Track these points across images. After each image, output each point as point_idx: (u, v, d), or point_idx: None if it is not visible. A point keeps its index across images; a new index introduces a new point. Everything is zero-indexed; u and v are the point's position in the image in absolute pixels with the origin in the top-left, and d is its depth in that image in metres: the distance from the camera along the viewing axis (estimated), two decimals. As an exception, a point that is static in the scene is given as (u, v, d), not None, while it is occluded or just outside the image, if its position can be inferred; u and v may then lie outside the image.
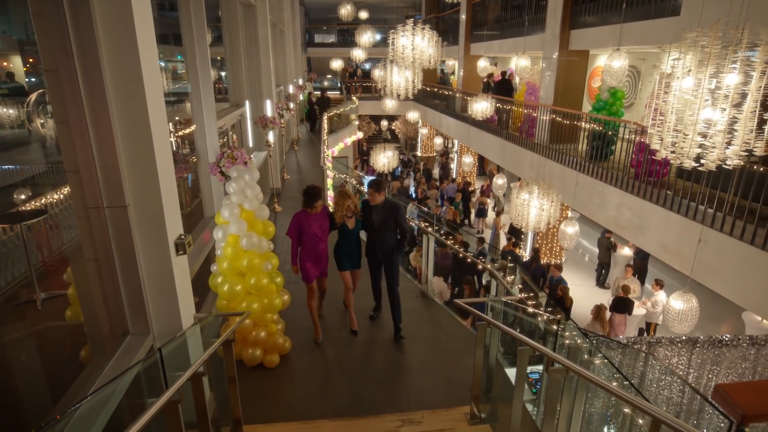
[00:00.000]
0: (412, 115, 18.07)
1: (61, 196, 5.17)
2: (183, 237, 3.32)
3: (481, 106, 10.41)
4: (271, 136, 9.27)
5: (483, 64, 14.48)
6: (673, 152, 2.92)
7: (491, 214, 15.32)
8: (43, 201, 5.71)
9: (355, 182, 9.15)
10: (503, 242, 12.68)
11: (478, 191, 17.07)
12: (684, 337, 4.62)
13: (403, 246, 4.96)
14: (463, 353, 4.77)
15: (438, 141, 20.32)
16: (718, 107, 2.71)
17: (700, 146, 2.81)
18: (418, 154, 23.21)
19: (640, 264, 11.34)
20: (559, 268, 9.53)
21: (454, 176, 18.89)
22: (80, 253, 3.20)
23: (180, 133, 6.65)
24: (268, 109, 9.48)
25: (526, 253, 12.42)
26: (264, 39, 9.06)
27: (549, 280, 9.55)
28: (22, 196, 5.63)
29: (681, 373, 4.54)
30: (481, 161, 20.70)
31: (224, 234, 4.09)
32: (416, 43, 6.33)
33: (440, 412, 3.74)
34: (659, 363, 3.93)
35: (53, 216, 5.47)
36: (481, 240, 10.26)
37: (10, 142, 6.29)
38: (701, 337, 4.57)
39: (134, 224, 3.04)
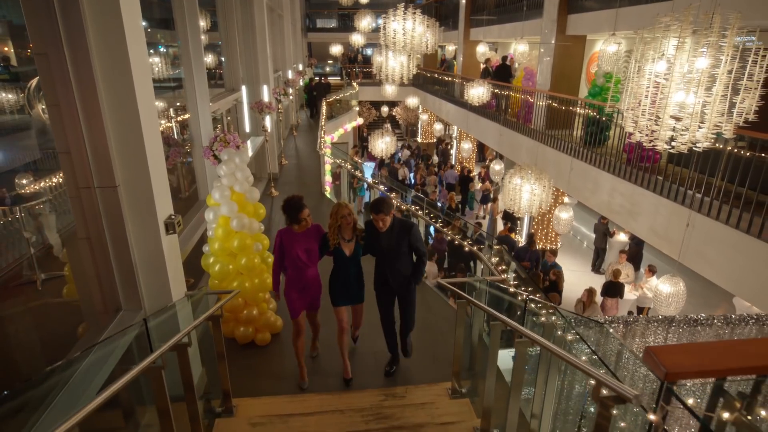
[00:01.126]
0: (412, 101, 18.03)
1: (60, 180, 5.27)
2: (173, 217, 3.43)
3: (478, 92, 10.42)
4: (268, 122, 9.33)
5: (482, 50, 14.42)
6: (646, 135, 3.00)
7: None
8: (42, 185, 5.84)
9: (350, 167, 9.20)
10: (500, 228, 12.77)
11: (477, 178, 17.12)
12: (660, 317, 4.73)
13: (422, 272, 4.01)
14: (450, 334, 4.89)
15: (438, 127, 20.30)
16: (690, 91, 2.77)
17: (673, 129, 2.88)
18: (419, 140, 23.19)
19: (636, 250, 11.43)
20: (554, 253, 9.63)
21: (453, 162, 18.90)
22: (76, 234, 3.33)
23: (179, 119, 6.73)
24: (265, 95, 9.53)
25: (522, 239, 12.52)
26: (260, 24, 9.07)
27: (543, 265, 9.66)
28: (24, 181, 5.76)
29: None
30: (481, 147, 20.70)
31: (215, 215, 4.20)
32: (407, 28, 6.33)
33: (423, 387, 3.88)
34: (615, 338, 4.04)
35: (52, 200, 5.60)
36: (478, 225, 10.35)
37: (12, 128, 6.39)
38: (677, 316, 4.68)
39: (124, 204, 3.15)
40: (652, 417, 1.50)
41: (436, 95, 18.50)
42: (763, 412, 1.50)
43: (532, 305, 3.29)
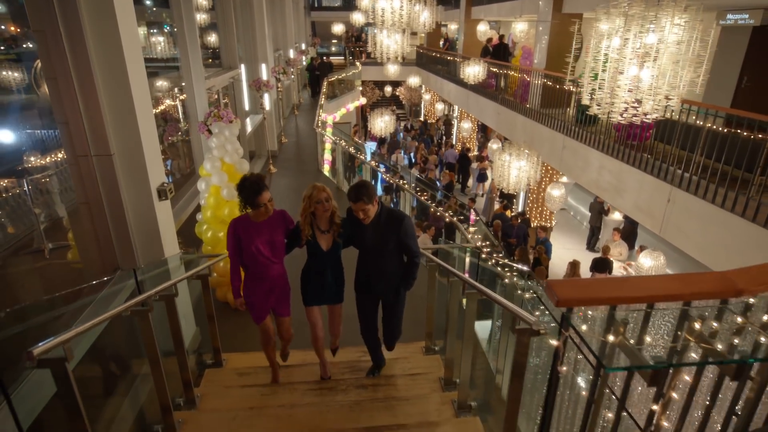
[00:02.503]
0: (413, 81, 18.06)
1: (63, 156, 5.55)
2: (165, 184, 3.70)
3: (474, 70, 10.51)
4: (266, 100, 9.53)
5: (483, 28, 14.40)
6: (599, 106, 3.20)
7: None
8: (48, 160, 6.15)
9: (344, 144, 9.39)
10: (497, 206, 12.97)
11: (477, 157, 17.25)
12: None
13: (413, 276, 3.29)
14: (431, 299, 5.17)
15: (439, 107, 20.34)
16: (645, 66, 2.96)
17: (626, 101, 3.08)
18: (421, 119, 23.24)
19: (630, 228, 11.59)
20: (544, 229, 9.84)
21: (453, 142, 19.00)
22: (78, 204, 3.61)
23: (182, 98, 6.96)
24: (264, 73, 9.70)
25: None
26: (258, 3, 9.19)
27: (536, 241, 9.89)
28: (32, 158, 6.08)
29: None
30: (485, 128, 20.74)
31: (207, 185, 4.47)
32: (395, 6, 6.46)
33: (399, 346, 4.16)
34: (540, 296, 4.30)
35: (59, 174, 5.92)
36: (472, 201, 10.57)
37: (19, 107, 6.68)
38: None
39: (119, 171, 3.42)
40: (554, 342, 1.76)
41: (438, 75, 18.51)
42: (648, 338, 1.76)
43: (499, 268, 3.54)
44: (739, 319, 1.75)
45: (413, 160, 16.63)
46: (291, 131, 13.62)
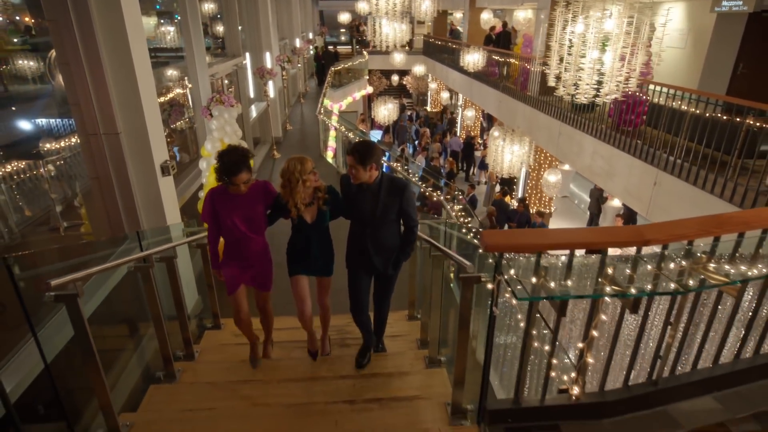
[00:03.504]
0: (418, 69, 18.21)
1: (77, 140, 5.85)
2: (167, 162, 4.04)
3: (473, 58, 10.68)
4: (270, 87, 9.83)
5: (486, 17, 14.50)
6: (564, 87, 3.44)
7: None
8: (62, 144, 6.53)
9: (344, 129, 9.65)
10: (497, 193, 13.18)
11: (482, 145, 17.41)
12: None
13: (412, 246, 3.17)
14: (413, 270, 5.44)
15: (445, 95, 20.48)
16: (601, 49, 3.20)
17: (588, 84, 3.32)
18: (428, 108, 23.39)
19: (629, 214, 11.75)
20: (540, 214, 10.06)
21: (458, 130, 19.17)
22: (90, 185, 3.96)
23: (189, 87, 7.29)
24: (268, 61, 9.99)
25: (516, 203, 12.92)
26: (262, -6, 9.47)
27: (531, 226, 10.12)
28: (47, 146, 6.46)
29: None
30: (491, 118, 20.83)
31: (208, 164, 4.80)
32: None
33: (384, 313, 4.49)
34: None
35: (71, 158, 6.30)
36: (472, 187, 10.80)
37: (34, 96, 7.05)
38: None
39: (126, 148, 3.76)
40: (489, 286, 2.06)
41: (444, 63, 18.63)
42: (569, 282, 2.04)
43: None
44: (649, 267, 2.03)
45: (416, 148, 16.86)
46: (296, 119, 13.92)
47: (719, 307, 2.41)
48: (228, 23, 8.09)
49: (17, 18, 7.47)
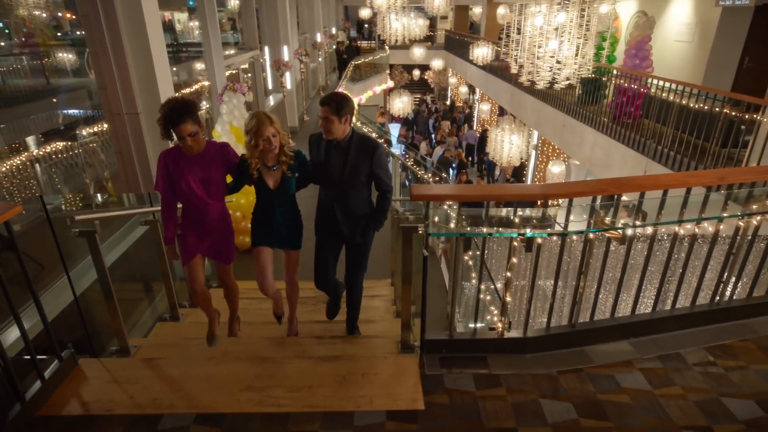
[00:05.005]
0: (436, 64, 18.53)
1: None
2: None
3: (482, 52, 10.99)
4: (288, 79, 10.40)
5: (502, 12, 14.71)
6: (529, 73, 3.82)
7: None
8: (95, 129, 7.23)
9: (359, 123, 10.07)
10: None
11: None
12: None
13: (385, 214, 3.01)
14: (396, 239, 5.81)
15: (463, 90, 20.72)
16: (557, 39, 3.57)
17: (549, 70, 3.69)
18: (447, 102, 23.65)
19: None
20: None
21: (474, 124, 19.41)
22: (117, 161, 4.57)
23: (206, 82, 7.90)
24: (285, 54, 10.56)
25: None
26: (281, -11, 10.03)
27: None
28: (84, 132, 7.18)
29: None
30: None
31: (218, 144, 5.36)
32: None
33: (370, 281, 4.95)
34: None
35: (102, 144, 6.99)
36: (481, 177, 11.11)
37: (73, 88, 7.76)
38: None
39: (144, 127, 4.35)
40: (420, 231, 2.51)
41: (463, 58, 18.88)
42: (484, 229, 2.47)
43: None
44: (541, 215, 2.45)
45: (433, 139, 17.21)
46: (314, 110, 14.49)
47: (630, 261, 2.79)
48: (246, 18, 8.68)
49: (59, 14, 8.19)
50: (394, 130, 19.38)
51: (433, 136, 17.75)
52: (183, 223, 2.94)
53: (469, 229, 2.34)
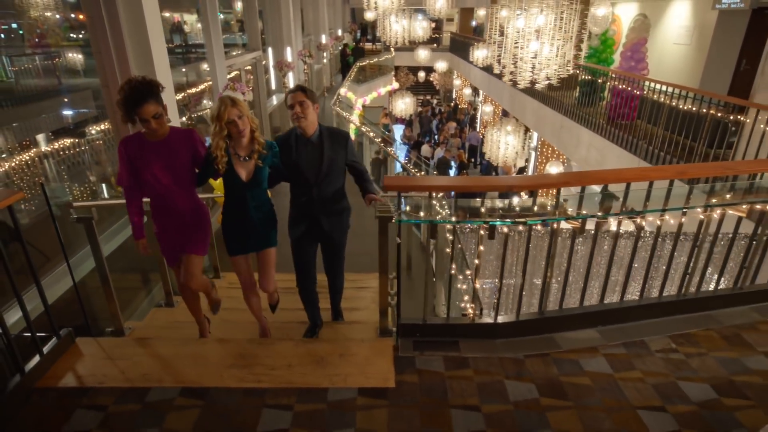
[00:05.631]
0: (440, 65, 18.68)
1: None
2: (179, 135, 4.80)
3: (482, 54, 11.12)
4: (290, 80, 10.61)
5: (504, 14, 14.82)
6: (511, 73, 3.97)
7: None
8: (102, 127, 7.45)
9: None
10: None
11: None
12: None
13: (373, 184, 3.03)
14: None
15: (467, 92, 20.85)
16: (538, 40, 3.72)
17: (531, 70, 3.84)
18: (451, 105, 23.78)
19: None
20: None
21: (477, 125, 19.53)
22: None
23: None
24: (288, 55, 10.77)
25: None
26: (284, -9, 10.25)
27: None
28: (93, 131, 7.40)
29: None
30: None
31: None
32: None
33: (360, 274, 5.11)
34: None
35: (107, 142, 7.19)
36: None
37: (84, 87, 7.97)
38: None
39: (145, 123, 4.54)
40: (393, 220, 2.66)
41: (466, 60, 19.02)
42: (447, 210, 2.62)
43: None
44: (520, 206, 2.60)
45: (436, 140, 17.37)
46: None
47: (598, 252, 2.93)
48: (248, 19, 8.90)
49: (72, 15, 8.42)
50: (398, 131, 19.58)
51: (436, 137, 17.90)
52: (156, 221, 2.77)
53: (438, 217, 2.50)
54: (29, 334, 2.67)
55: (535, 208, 2.55)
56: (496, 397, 2.51)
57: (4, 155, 5.80)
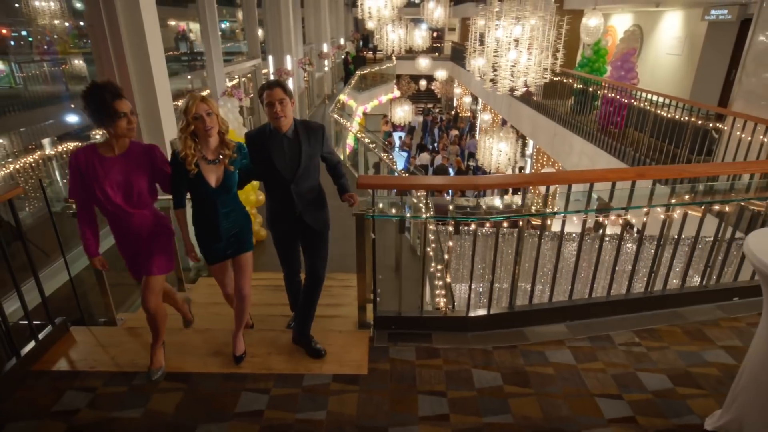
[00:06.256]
0: (440, 74, 18.93)
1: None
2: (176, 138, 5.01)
3: (479, 63, 11.32)
4: (290, 86, 10.83)
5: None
6: (491, 80, 4.15)
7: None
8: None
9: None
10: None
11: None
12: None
13: (346, 178, 2.89)
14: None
15: (467, 100, 21.08)
16: (521, 50, 3.90)
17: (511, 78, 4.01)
18: (452, 113, 24.02)
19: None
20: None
21: (476, 134, 19.73)
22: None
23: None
24: (288, 63, 11.02)
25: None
26: (285, 2, 10.51)
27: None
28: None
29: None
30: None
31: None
32: (380, 5, 7.47)
33: (348, 274, 5.26)
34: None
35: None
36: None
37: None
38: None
39: (143, 126, 4.74)
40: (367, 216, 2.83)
41: (465, 68, 19.27)
42: (426, 214, 2.78)
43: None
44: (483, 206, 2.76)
45: (436, 148, 17.57)
46: (317, 117, 14.93)
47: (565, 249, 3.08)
48: (248, 29, 9.16)
49: (81, 24, 8.68)
50: (398, 138, 19.82)
51: (435, 144, 18.11)
52: (112, 232, 2.58)
53: (409, 215, 2.66)
54: (26, 323, 2.86)
55: (501, 207, 2.71)
56: (462, 384, 2.65)
57: (10, 159, 6.02)
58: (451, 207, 2.66)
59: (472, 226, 2.72)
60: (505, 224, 2.91)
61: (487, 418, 2.43)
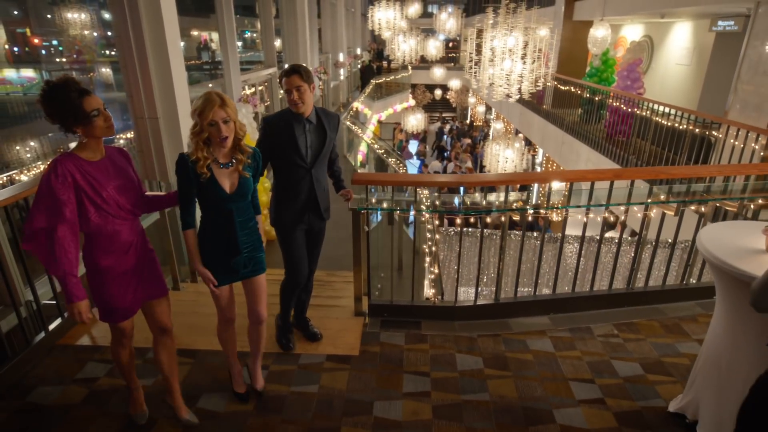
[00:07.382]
0: (454, 84, 19.19)
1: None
2: (193, 141, 5.35)
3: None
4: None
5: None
6: (487, 89, 4.38)
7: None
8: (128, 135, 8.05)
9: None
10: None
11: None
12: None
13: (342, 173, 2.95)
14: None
15: (481, 109, 21.28)
16: (516, 60, 4.13)
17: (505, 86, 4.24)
18: (467, 122, 24.22)
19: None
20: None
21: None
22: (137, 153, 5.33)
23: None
24: (304, 72, 11.39)
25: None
26: (301, 13, 10.92)
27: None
28: (121, 140, 8.02)
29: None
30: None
31: (228, 148, 6.10)
32: (389, 17, 7.79)
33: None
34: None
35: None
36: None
37: (117, 100, 8.65)
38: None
39: (162, 129, 5.09)
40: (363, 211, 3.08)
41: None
42: (418, 208, 3.02)
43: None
44: (468, 201, 2.99)
45: (448, 155, 17.78)
46: (332, 125, 15.28)
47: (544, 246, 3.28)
48: (265, 38, 9.57)
49: (109, 33, 9.17)
50: (412, 147, 20.10)
51: (446, 153, 18.33)
52: (104, 261, 2.06)
53: (398, 208, 2.91)
54: (54, 302, 3.18)
55: (483, 203, 2.93)
56: (445, 366, 2.87)
57: (40, 161, 6.44)
58: (437, 202, 2.89)
59: (458, 220, 2.95)
60: (488, 219, 3.13)
61: (465, 396, 2.64)
